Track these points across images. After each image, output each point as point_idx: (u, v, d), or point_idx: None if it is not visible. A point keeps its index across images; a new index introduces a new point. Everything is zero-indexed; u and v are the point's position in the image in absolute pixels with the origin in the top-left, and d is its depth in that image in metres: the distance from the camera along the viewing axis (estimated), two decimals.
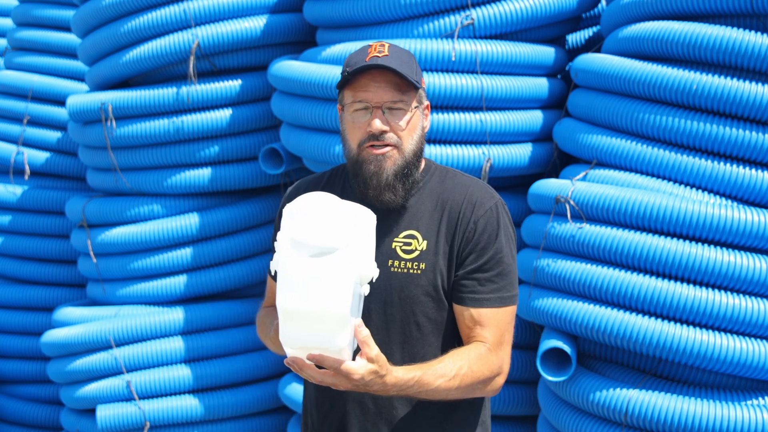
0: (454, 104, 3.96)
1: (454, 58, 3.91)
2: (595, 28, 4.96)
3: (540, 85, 4.14)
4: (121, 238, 4.79)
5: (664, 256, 3.33)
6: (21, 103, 5.58)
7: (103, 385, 4.67)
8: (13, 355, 5.52)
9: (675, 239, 3.36)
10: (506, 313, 2.34)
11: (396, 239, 2.35)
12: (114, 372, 4.66)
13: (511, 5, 4.01)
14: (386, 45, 2.31)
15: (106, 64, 4.86)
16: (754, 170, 3.39)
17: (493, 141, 4.02)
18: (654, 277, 3.37)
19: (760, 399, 3.42)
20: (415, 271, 2.33)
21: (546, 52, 4.17)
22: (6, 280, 5.62)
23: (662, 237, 3.37)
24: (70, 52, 5.58)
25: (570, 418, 3.60)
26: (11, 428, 5.54)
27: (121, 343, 4.67)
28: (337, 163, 2.97)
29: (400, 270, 2.33)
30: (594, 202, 3.50)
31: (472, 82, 3.93)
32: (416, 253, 2.34)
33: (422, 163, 2.42)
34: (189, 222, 4.76)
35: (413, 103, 2.33)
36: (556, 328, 3.64)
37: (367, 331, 2.10)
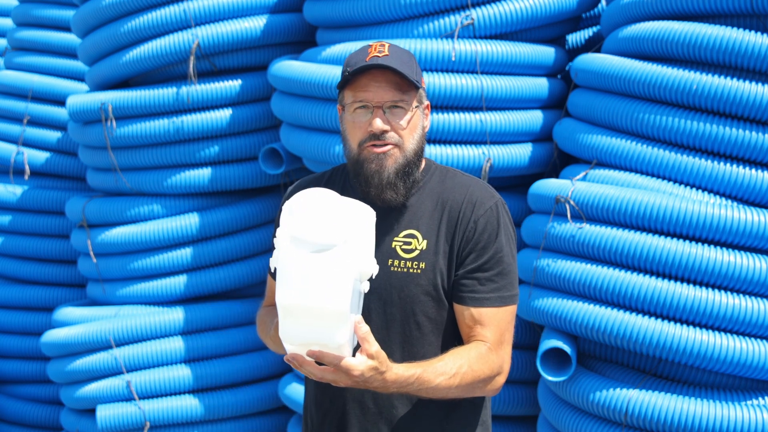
0: (454, 104, 3.96)
1: (454, 58, 3.91)
2: (595, 28, 4.96)
3: (540, 85, 4.14)
4: (121, 238, 4.79)
5: (664, 256, 3.33)
6: (21, 103, 5.58)
7: (103, 385, 4.67)
8: (13, 355, 5.52)
9: (675, 239, 3.36)
10: (506, 312, 2.34)
11: (396, 239, 2.35)
12: (114, 372, 4.66)
13: (511, 5, 4.01)
14: (386, 45, 2.31)
15: (106, 64, 4.85)
16: (754, 170, 3.39)
17: (493, 141, 4.02)
18: (654, 277, 3.37)
19: (760, 399, 3.42)
20: (415, 271, 2.32)
21: (546, 52, 4.17)
22: (6, 280, 5.62)
23: (662, 237, 3.37)
24: (70, 52, 5.58)
25: (570, 418, 3.60)
26: (11, 428, 5.54)
27: (121, 343, 4.67)
28: (337, 163, 2.97)
29: (400, 269, 2.33)
30: (594, 202, 3.50)
31: (472, 82, 3.93)
32: (416, 253, 2.33)
33: (422, 163, 2.42)
34: (189, 222, 4.76)
35: (414, 103, 2.33)
36: (556, 328, 3.64)
37: (367, 328, 2.09)
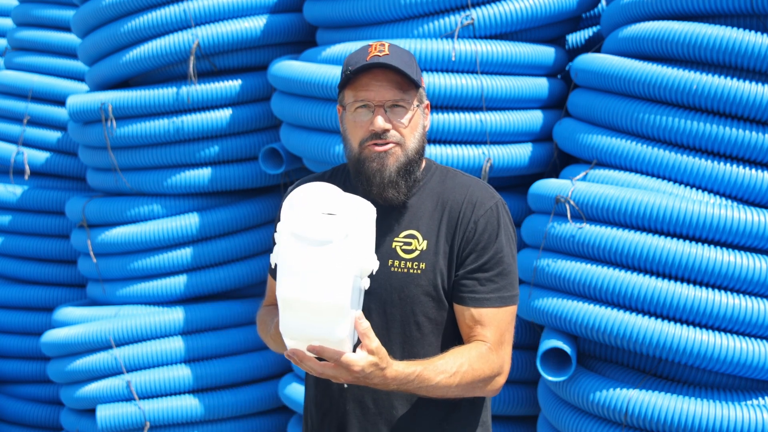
0: (454, 104, 3.96)
1: (454, 58, 3.91)
2: (595, 28, 4.96)
3: (540, 85, 4.14)
4: (121, 238, 4.79)
5: (664, 256, 3.33)
6: (21, 103, 5.58)
7: (103, 385, 4.67)
8: (13, 355, 5.52)
9: (675, 239, 3.36)
10: (507, 312, 2.34)
11: (396, 239, 2.35)
12: (114, 372, 4.66)
13: (511, 5, 4.01)
14: (386, 44, 2.31)
15: (106, 64, 4.85)
16: (754, 170, 3.39)
17: (493, 141, 4.02)
18: (654, 277, 3.37)
19: (760, 399, 3.42)
20: (415, 271, 2.32)
21: (546, 52, 4.17)
22: (6, 280, 5.62)
23: (662, 237, 3.37)
24: (70, 52, 5.58)
25: (570, 418, 3.60)
26: (11, 428, 5.54)
27: (121, 343, 4.67)
28: (337, 163, 2.97)
29: (400, 270, 2.32)
30: (594, 202, 3.49)
31: (472, 82, 3.93)
32: (416, 253, 2.33)
33: (423, 162, 2.42)
34: (189, 222, 4.76)
35: (414, 102, 2.33)
36: (556, 328, 3.64)
37: (367, 323, 2.09)
